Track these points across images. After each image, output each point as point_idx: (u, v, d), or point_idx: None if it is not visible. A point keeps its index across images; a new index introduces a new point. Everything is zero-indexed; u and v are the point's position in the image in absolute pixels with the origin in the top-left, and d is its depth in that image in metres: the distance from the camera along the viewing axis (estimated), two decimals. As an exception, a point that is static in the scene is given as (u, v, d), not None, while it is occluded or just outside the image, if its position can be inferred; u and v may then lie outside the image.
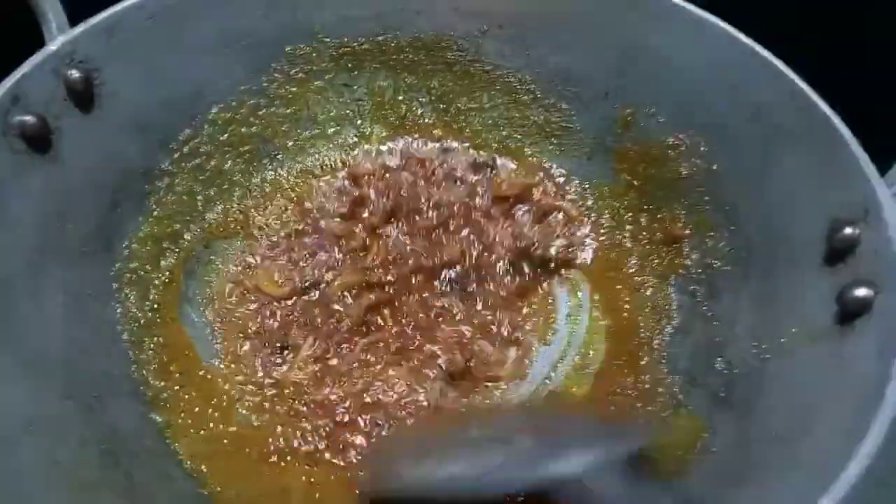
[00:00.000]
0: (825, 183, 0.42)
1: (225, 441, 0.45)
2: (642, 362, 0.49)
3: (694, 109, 0.51)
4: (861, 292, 0.37)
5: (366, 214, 0.57)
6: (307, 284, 0.53)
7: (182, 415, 0.45)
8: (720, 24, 0.48)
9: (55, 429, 0.37)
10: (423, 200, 0.57)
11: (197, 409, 0.46)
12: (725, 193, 0.49)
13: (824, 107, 0.43)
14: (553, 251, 0.56)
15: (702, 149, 0.51)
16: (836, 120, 0.42)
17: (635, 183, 0.56)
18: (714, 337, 0.47)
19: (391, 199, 0.57)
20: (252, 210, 0.57)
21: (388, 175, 0.58)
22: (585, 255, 0.57)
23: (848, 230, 0.39)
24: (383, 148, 0.61)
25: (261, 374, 0.49)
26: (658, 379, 0.48)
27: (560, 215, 0.58)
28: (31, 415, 0.36)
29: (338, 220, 0.57)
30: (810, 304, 0.40)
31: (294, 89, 0.58)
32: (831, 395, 0.36)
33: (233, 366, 0.49)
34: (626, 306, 0.53)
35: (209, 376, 0.48)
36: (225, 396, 0.47)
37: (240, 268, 0.54)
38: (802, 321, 0.40)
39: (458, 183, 0.59)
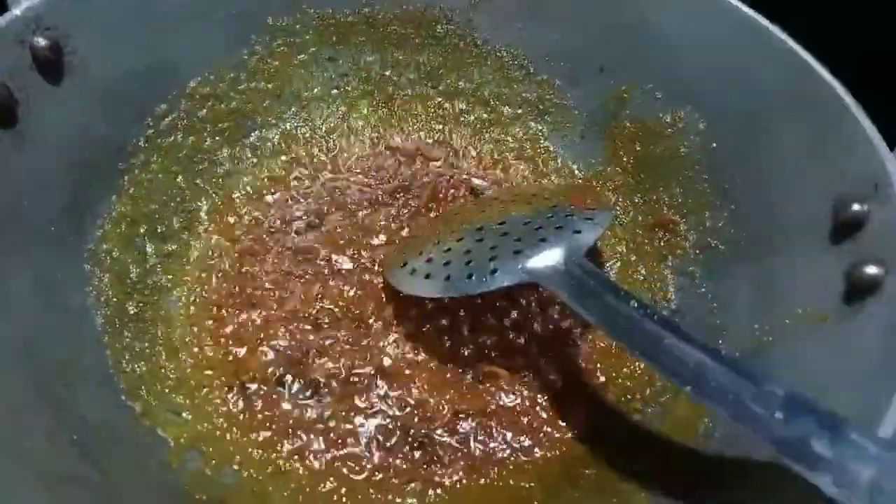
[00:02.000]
0: (830, 157, 0.41)
1: (208, 425, 0.42)
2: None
3: (692, 85, 0.50)
4: (871, 270, 0.35)
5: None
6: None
7: (159, 402, 0.42)
8: (719, -4, 0.47)
9: (20, 419, 0.34)
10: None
11: (177, 396, 0.43)
12: (724, 172, 0.48)
13: (829, 77, 0.41)
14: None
15: (700, 126, 0.50)
16: (842, 90, 0.40)
17: (629, 162, 0.54)
18: (714, 319, 0.45)
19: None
20: (233, 189, 0.54)
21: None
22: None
23: (855, 206, 0.38)
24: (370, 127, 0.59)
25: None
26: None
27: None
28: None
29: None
30: (816, 283, 0.39)
31: (276, 63, 0.56)
32: (840, 377, 0.35)
33: (214, 350, 0.46)
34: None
35: (190, 361, 0.45)
36: (206, 381, 0.45)
37: (222, 247, 0.51)
38: (807, 301, 0.39)
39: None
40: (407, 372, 0.46)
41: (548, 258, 0.41)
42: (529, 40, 0.56)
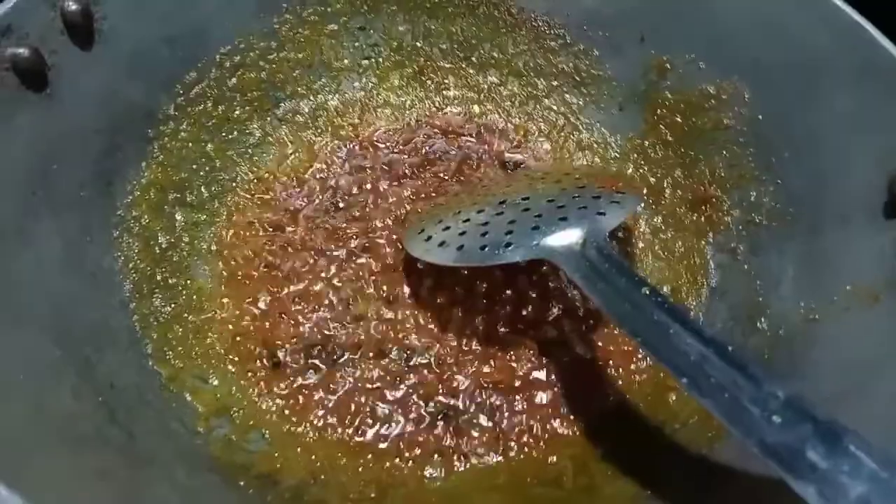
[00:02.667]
0: (885, 127, 0.38)
1: (235, 393, 0.42)
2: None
3: (737, 53, 0.48)
4: (928, 246, 0.33)
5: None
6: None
7: (186, 368, 0.42)
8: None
9: (48, 380, 0.34)
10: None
11: (204, 362, 0.43)
12: (771, 144, 0.46)
13: (888, 44, 0.39)
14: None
15: (745, 97, 0.47)
16: (901, 56, 0.38)
17: (670, 135, 0.52)
18: (756, 297, 0.43)
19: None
20: (263, 160, 0.53)
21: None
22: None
23: (913, 179, 0.35)
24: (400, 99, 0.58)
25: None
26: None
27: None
28: (22, 364, 0.33)
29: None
30: (868, 260, 0.37)
31: (306, 32, 0.55)
32: (891, 359, 0.33)
33: (242, 320, 0.46)
34: (658, 265, 0.50)
35: (217, 329, 0.45)
36: (233, 350, 0.44)
37: (252, 218, 0.51)
38: (858, 278, 0.37)
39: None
40: (434, 345, 0.45)
41: (565, 237, 0.40)
42: (566, 8, 0.54)
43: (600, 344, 0.46)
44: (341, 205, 0.52)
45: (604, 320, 0.47)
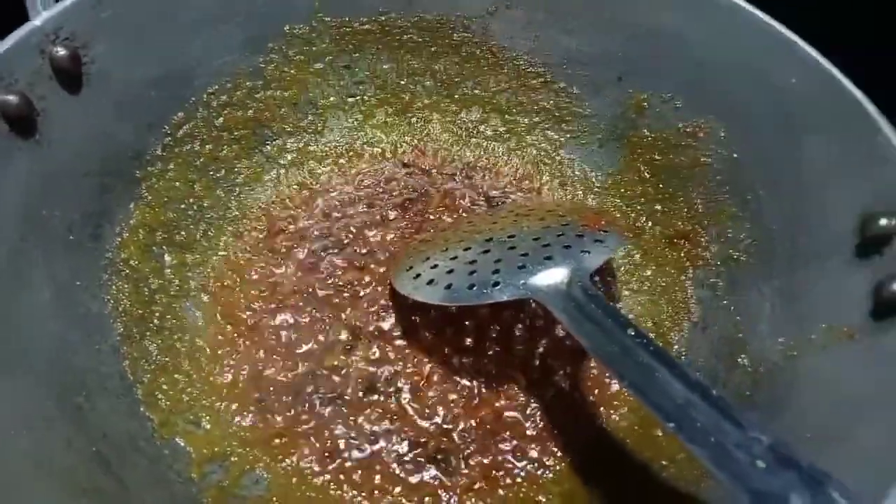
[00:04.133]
0: (857, 172, 0.40)
1: (227, 436, 0.42)
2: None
3: (713, 94, 0.49)
4: (901, 287, 0.35)
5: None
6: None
7: (178, 412, 0.42)
8: (740, 4, 0.46)
9: (41, 431, 0.34)
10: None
11: (195, 406, 0.43)
12: (747, 183, 0.47)
13: (856, 91, 0.41)
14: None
15: (721, 136, 0.49)
16: (870, 105, 0.40)
17: (649, 172, 0.54)
18: (736, 333, 0.45)
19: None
20: (250, 198, 0.54)
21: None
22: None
23: (883, 221, 0.37)
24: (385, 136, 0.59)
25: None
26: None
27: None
28: (15, 416, 0.33)
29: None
30: (842, 298, 0.38)
31: (292, 71, 0.55)
32: (869, 395, 0.34)
33: (233, 361, 0.46)
34: (640, 298, 0.51)
35: (208, 370, 0.45)
36: (225, 391, 0.44)
37: (241, 258, 0.51)
38: (834, 317, 0.38)
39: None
40: (420, 382, 0.46)
41: (551, 276, 0.41)
42: (547, 48, 0.56)
43: (587, 381, 0.47)
44: (329, 244, 0.52)
45: (589, 357, 0.48)
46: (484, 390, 0.46)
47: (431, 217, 0.55)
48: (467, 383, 0.46)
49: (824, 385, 0.37)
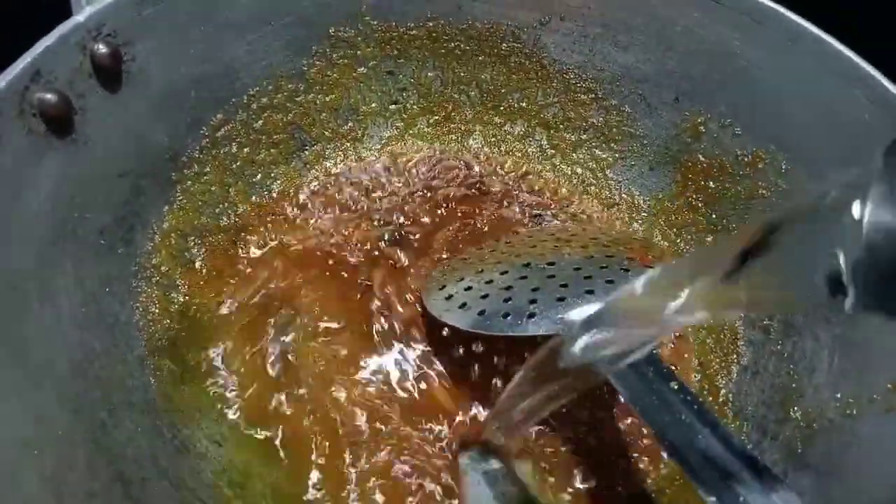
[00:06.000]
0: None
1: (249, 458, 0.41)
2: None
3: (776, 123, 0.47)
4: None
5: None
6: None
7: (201, 431, 0.41)
8: (815, 32, 0.44)
9: (63, 449, 0.33)
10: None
11: (219, 424, 0.42)
12: (808, 220, 0.44)
13: (939, 134, 0.38)
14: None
15: (783, 167, 0.46)
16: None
17: (701, 199, 0.51)
18: (790, 382, 0.42)
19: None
20: (286, 204, 0.52)
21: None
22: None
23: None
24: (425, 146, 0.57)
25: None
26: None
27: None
28: (36, 435, 0.32)
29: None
30: (912, 358, 0.36)
31: (335, 75, 0.54)
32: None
33: (258, 374, 0.45)
34: (685, 336, 0.49)
35: (233, 385, 0.44)
36: (249, 410, 0.43)
37: (274, 266, 0.50)
38: (901, 377, 0.36)
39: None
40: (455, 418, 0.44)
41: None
42: (599, 63, 0.54)
43: (629, 431, 0.45)
44: (361, 257, 0.51)
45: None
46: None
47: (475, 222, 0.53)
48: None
49: (885, 455, 0.34)
